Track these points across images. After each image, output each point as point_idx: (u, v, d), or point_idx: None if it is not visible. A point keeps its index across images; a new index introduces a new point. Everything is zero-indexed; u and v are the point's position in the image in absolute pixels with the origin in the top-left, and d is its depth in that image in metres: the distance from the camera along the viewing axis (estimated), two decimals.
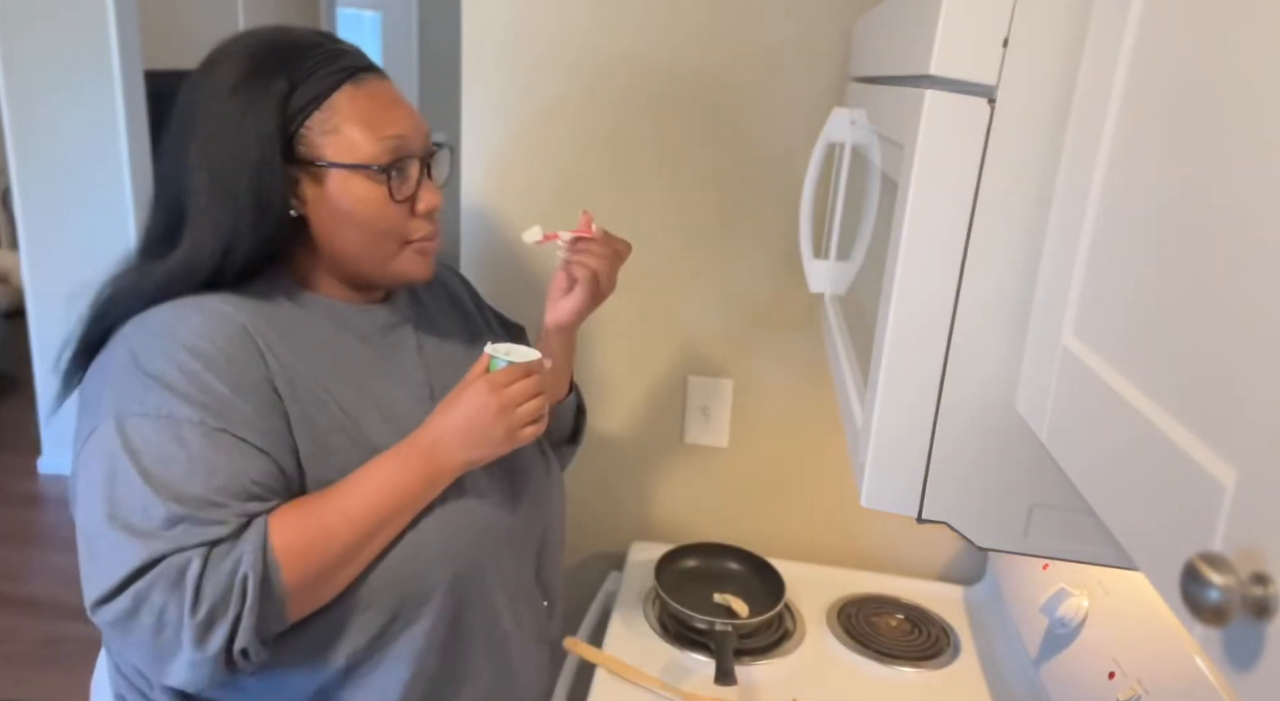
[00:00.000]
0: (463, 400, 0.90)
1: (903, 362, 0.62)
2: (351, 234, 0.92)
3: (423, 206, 0.94)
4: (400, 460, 0.88)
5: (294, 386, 0.88)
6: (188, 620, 0.77)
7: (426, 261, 0.97)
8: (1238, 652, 0.30)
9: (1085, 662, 1.03)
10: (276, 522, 0.82)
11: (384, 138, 0.89)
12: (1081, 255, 0.50)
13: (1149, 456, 0.38)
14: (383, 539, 0.88)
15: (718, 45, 1.32)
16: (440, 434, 0.89)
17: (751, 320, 1.43)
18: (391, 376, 0.98)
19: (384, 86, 0.93)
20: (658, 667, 1.22)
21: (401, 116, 0.92)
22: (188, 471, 0.80)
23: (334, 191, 0.89)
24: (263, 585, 0.79)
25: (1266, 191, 0.32)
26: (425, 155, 0.94)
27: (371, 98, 0.90)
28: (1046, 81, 0.55)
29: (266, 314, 0.90)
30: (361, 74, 0.91)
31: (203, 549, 0.78)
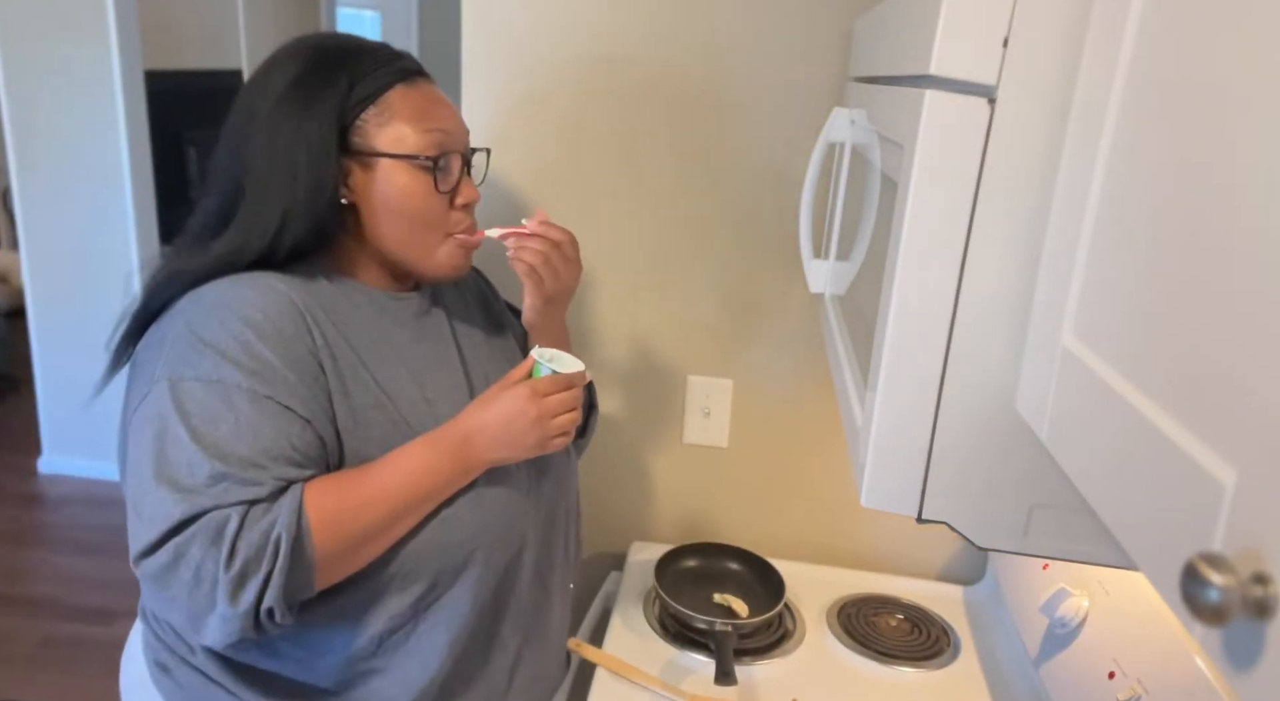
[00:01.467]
0: (503, 400, 0.93)
1: (903, 363, 0.62)
2: (396, 222, 0.97)
3: (461, 199, 0.99)
4: (436, 447, 0.92)
5: (336, 361, 0.92)
6: (222, 575, 0.80)
7: (466, 255, 1.02)
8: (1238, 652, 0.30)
9: (1085, 662, 1.03)
10: (313, 491, 0.86)
11: (430, 131, 0.95)
12: (1081, 255, 0.50)
13: (1149, 456, 0.38)
14: (411, 520, 0.91)
15: (718, 45, 1.32)
16: (476, 428, 0.93)
17: (751, 320, 1.43)
18: (428, 360, 1.02)
19: (432, 88, 1.00)
20: (658, 667, 1.22)
21: (447, 114, 0.98)
22: (234, 433, 0.84)
23: (382, 180, 0.95)
24: (294, 548, 0.83)
25: (1266, 191, 0.32)
26: (467, 153, 1.00)
27: (422, 96, 0.97)
28: (1046, 81, 0.55)
29: (313, 292, 0.95)
30: (414, 76, 0.98)
31: (242, 507, 0.82)
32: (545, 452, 0.96)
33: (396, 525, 0.90)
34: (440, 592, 0.96)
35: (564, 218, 1.41)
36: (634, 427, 1.50)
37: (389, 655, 0.95)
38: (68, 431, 3.32)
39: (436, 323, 1.07)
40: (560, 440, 0.96)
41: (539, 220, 1.04)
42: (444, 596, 0.96)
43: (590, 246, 1.42)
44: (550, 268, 1.05)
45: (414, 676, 0.96)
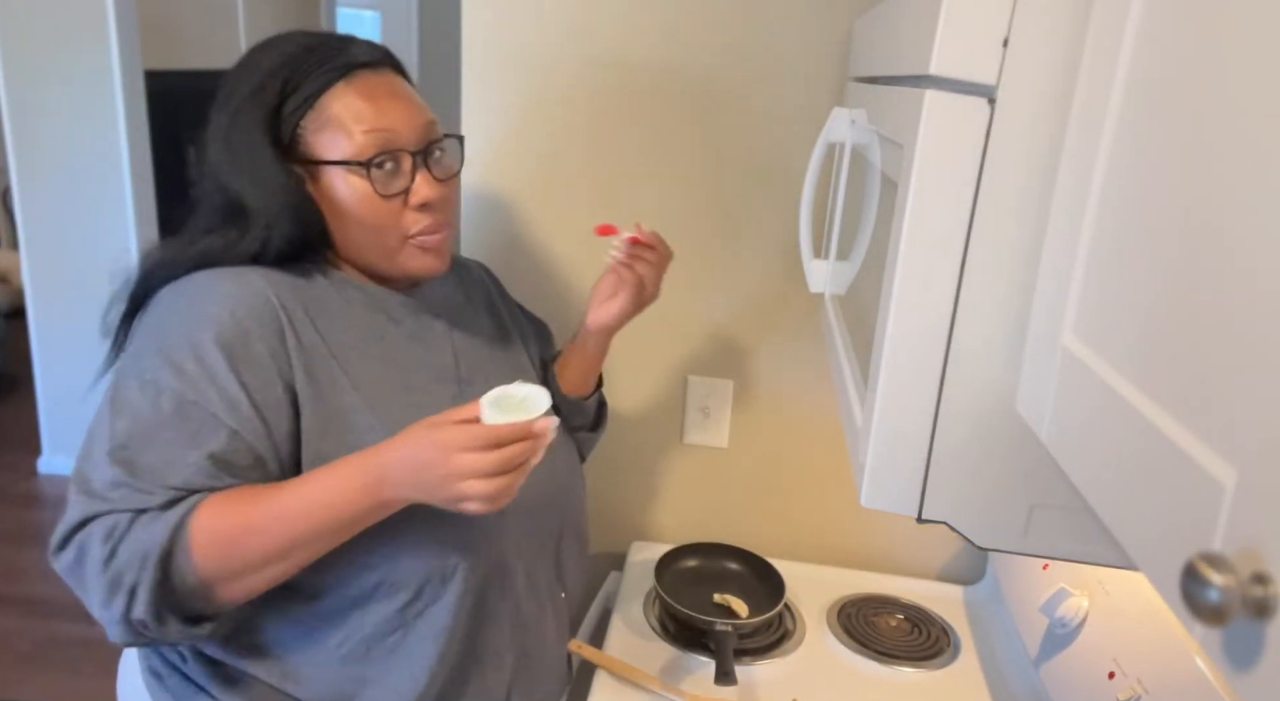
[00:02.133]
0: (419, 442, 0.81)
1: (903, 362, 0.62)
2: (350, 229, 0.94)
3: (415, 200, 0.94)
4: (344, 479, 0.84)
5: (309, 363, 0.90)
6: (99, 579, 0.80)
7: (432, 256, 0.97)
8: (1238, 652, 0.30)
9: (1085, 662, 1.03)
10: (208, 507, 0.82)
11: (369, 132, 0.90)
12: (1081, 255, 0.50)
13: (1149, 456, 0.38)
14: (318, 546, 0.85)
15: (718, 45, 1.32)
16: (390, 464, 0.83)
17: (751, 320, 1.43)
18: (420, 359, 1.00)
19: (381, 80, 0.94)
20: (658, 667, 1.22)
21: (391, 109, 0.92)
22: (147, 437, 0.83)
23: (327, 188, 0.92)
24: (164, 563, 0.80)
25: (1266, 190, 0.32)
26: (422, 147, 0.94)
27: (362, 93, 0.91)
28: (1046, 81, 0.55)
29: (300, 290, 0.93)
30: (357, 70, 0.92)
31: (132, 513, 0.81)
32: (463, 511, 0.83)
33: (298, 552, 0.84)
34: (426, 603, 0.93)
35: (563, 217, 1.41)
36: (634, 427, 1.50)
37: (377, 665, 0.93)
38: (68, 431, 3.32)
39: (433, 321, 1.05)
40: (474, 505, 0.81)
41: (649, 233, 1.03)
42: (431, 607, 0.93)
43: (590, 245, 1.42)
44: (658, 282, 1.06)
45: (404, 688, 0.94)
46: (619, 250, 1.03)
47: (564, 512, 1.10)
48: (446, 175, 0.97)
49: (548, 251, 1.44)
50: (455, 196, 1.01)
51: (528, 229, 1.43)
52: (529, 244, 1.44)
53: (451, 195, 0.98)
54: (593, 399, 1.21)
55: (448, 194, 0.97)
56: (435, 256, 0.98)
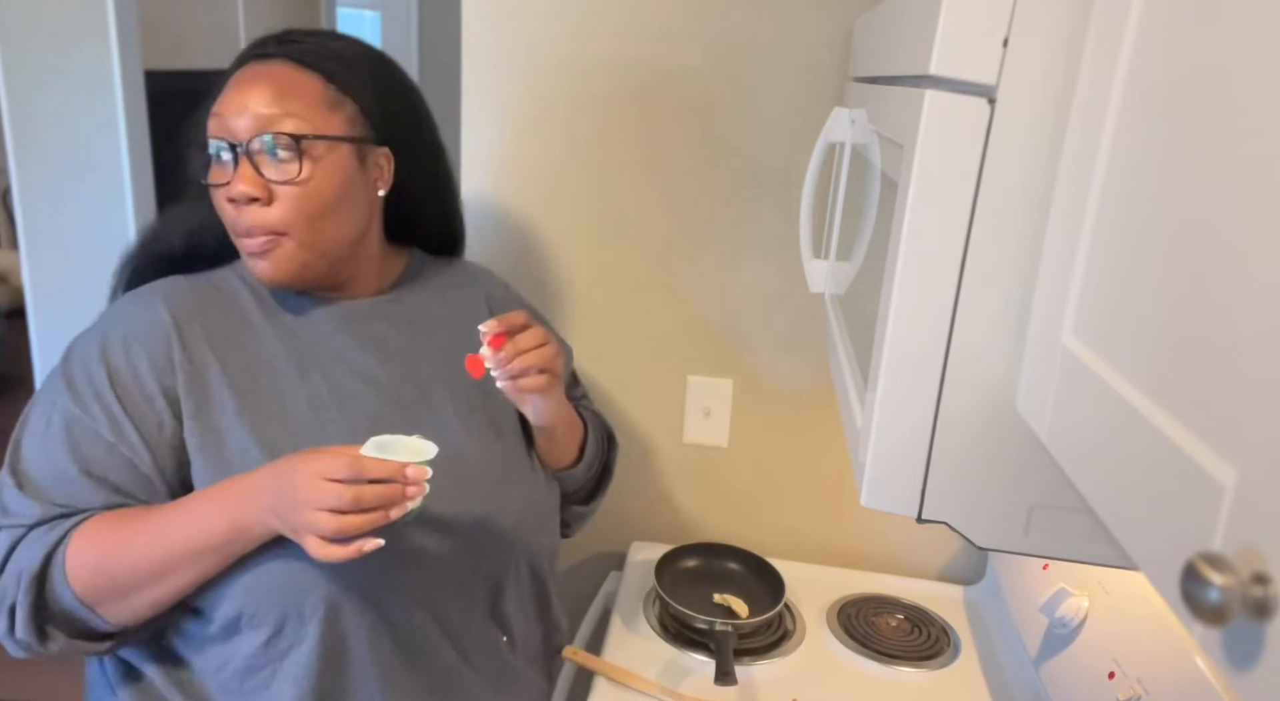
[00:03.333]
0: (288, 465, 0.79)
1: (903, 363, 0.62)
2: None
3: (226, 194, 0.88)
4: (208, 502, 0.83)
5: (195, 380, 0.89)
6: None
7: (256, 261, 0.91)
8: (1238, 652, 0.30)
9: (1085, 662, 1.03)
10: (86, 528, 0.82)
11: (212, 116, 0.89)
12: (1081, 255, 0.49)
13: (1149, 456, 0.38)
14: (191, 572, 0.83)
15: (718, 46, 1.32)
16: (255, 489, 0.81)
17: (751, 320, 1.43)
18: (342, 378, 0.95)
19: (255, 69, 0.90)
20: (658, 668, 1.22)
21: (234, 96, 0.88)
22: (38, 454, 0.85)
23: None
24: (39, 583, 0.81)
25: (1267, 190, 0.32)
26: (246, 140, 0.87)
27: (230, 82, 0.90)
28: (1046, 81, 0.55)
29: (209, 305, 0.94)
30: (251, 61, 0.92)
31: (19, 530, 0.82)
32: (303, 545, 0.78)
33: (172, 576, 0.82)
34: (290, 642, 0.87)
35: (563, 217, 1.42)
36: (634, 427, 1.50)
37: (254, 696, 0.89)
38: None
39: (388, 330, 1.00)
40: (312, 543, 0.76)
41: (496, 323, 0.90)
42: (295, 648, 0.87)
43: (590, 246, 1.42)
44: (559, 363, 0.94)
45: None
46: (497, 373, 0.91)
47: (502, 557, 0.99)
48: (277, 177, 0.88)
49: (548, 252, 1.44)
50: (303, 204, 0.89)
51: (528, 229, 1.43)
52: (529, 244, 1.43)
53: (286, 201, 0.88)
54: (575, 471, 1.11)
55: (281, 200, 0.88)
56: (259, 261, 0.91)
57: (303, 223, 0.90)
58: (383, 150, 0.96)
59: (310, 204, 0.90)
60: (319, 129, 0.89)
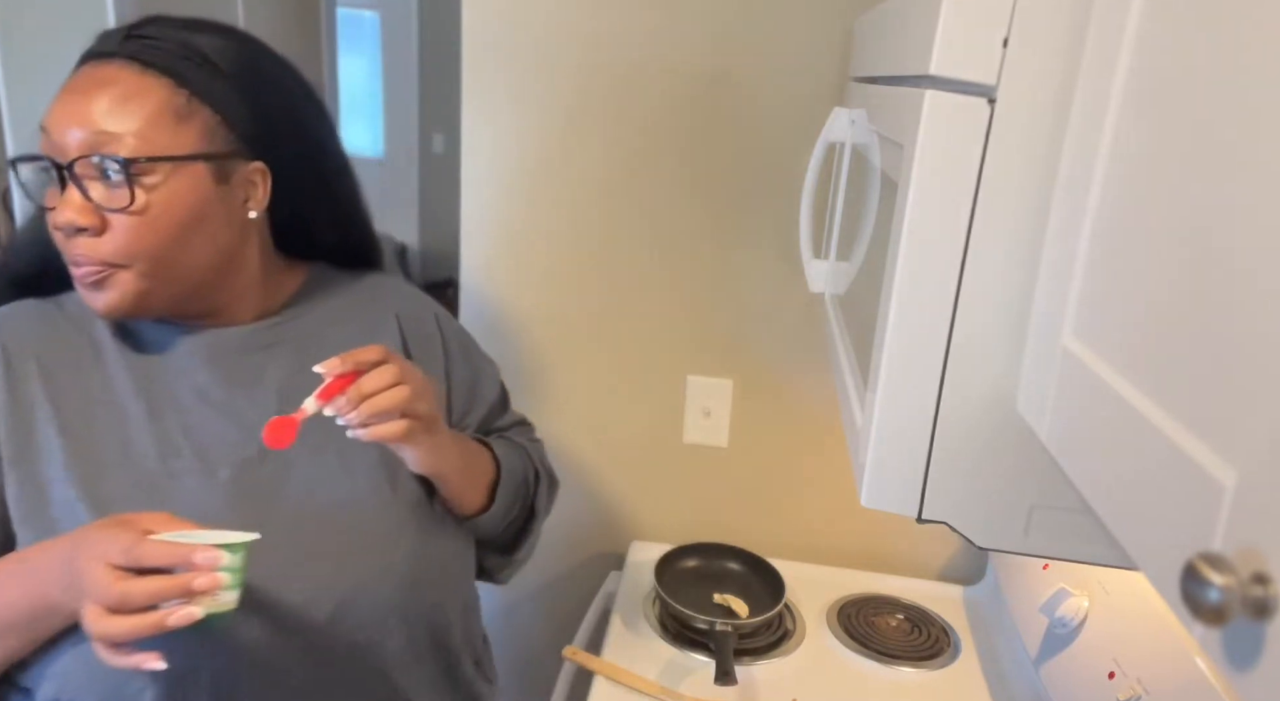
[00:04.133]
0: (82, 537, 0.68)
1: (903, 363, 0.62)
2: None
3: (51, 220, 0.77)
4: (14, 570, 0.72)
5: (20, 420, 0.79)
6: None
7: (88, 295, 0.78)
8: (1238, 652, 0.30)
9: (1085, 662, 1.03)
10: None
11: (40, 130, 0.77)
12: (1082, 255, 0.50)
13: (1149, 457, 0.38)
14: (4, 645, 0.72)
15: (718, 45, 1.32)
16: (56, 558, 0.69)
17: (751, 320, 1.43)
18: (200, 419, 0.83)
19: (88, 73, 0.78)
20: (658, 668, 1.22)
21: (61, 106, 0.76)
22: None
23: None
24: None
25: (1267, 190, 0.32)
26: (71, 160, 0.76)
27: (67, 85, 0.78)
28: (1046, 81, 0.55)
29: (59, 332, 0.84)
30: (89, 61, 0.79)
31: None
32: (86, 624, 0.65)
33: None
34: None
35: (563, 217, 1.42)
36: (634, 427, 1.50)
37: None
38: None
39: (267, 361, 0.86)
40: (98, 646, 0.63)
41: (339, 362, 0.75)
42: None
43: (589, 246, 1.42)
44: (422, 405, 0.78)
45: None
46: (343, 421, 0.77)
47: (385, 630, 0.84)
48: (108, 204, 0.76)
49: (548, 251, 1.44)
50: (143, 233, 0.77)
51: (527, 228, 1.43)
52: (529, 244, 1.43)
53: (121, 231, 0.76)
54: (484, 519, 0.94)
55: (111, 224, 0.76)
56: (92, 293, 0.78)
57: (142, 255, 0.77)
58: (255, 165, 0.83)
59: (151, 235, 0.77)
60: (160, 148, 0.76)
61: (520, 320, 1.46)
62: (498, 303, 1.46)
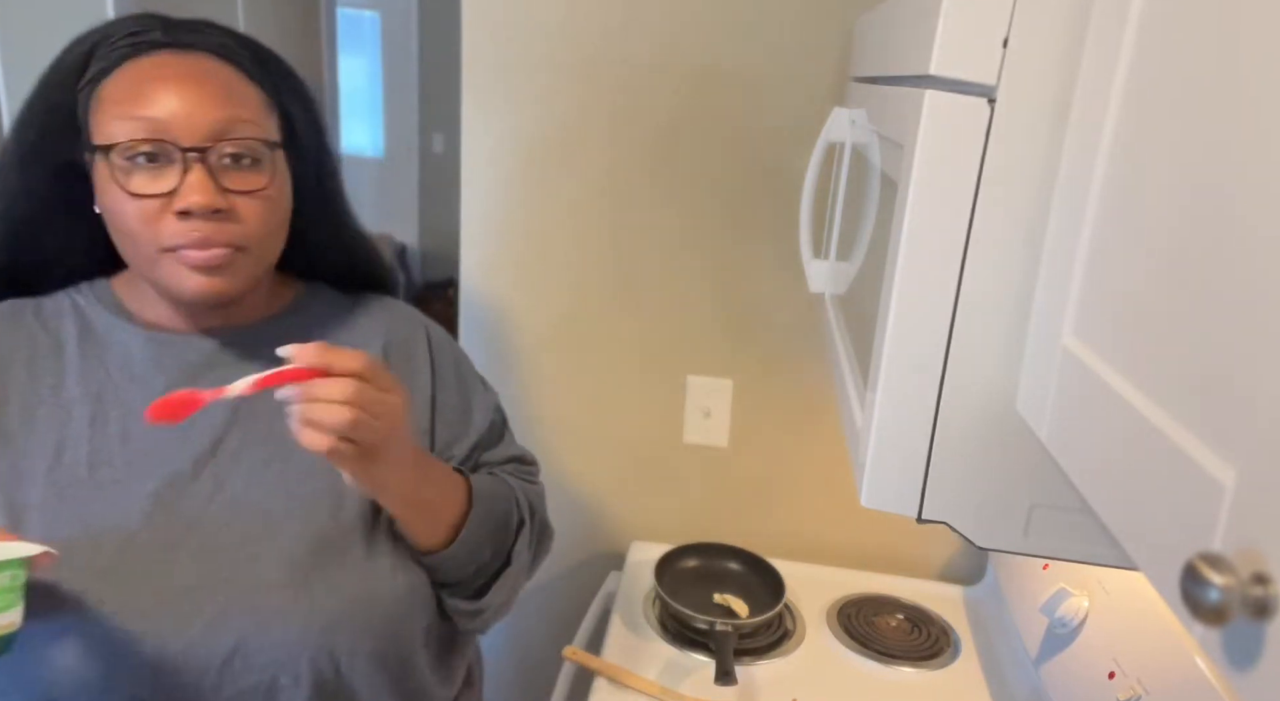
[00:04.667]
0: None
1: (903, 363, 0.62)
2: (113, 234, 0.81)
3: (178, 203, 0.76)
4: None
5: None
6: None
7: (202, 275, 0.79)
8: (1238, 652, 0.30)
9: (1085, 662, 1.03)
10: None
11: (124, 118, 0.76)
12: (1081, 255, 0.50)
13: (1149, 456, 0.38)
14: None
15: (718, 45, 1.32)
16: None
17: (751, 320, 1.43)
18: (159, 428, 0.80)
19: (177, 62, 0.78)
20: (658, 668, 1.22)
21: (165, 95, 0.76)
22: None
23: (96, 181, 0.80)
24: None
25: (1267, 190, 0.32)
26: (201, 145, 0.77)
27: (145, 73, 0.77)
28: (1046, 81, 0.55)
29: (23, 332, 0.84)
30: (153, 50, 0.78)
31: None
32: None
33: None
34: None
35: (563, 217, 1.42)
36: (634, 427, 1.50)
37: None
38: None
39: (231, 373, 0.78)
40: None
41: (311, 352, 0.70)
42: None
43: (591, 246, 1.42)
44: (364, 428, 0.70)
45: None
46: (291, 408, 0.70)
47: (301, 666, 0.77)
48: (241, 187, 0.79)
49: (548, 251, 1.44)
50: (268, 217, 0.81)
51: (527, 228, 1.43)
52: (528, 244, 1.43)
53: (249, 217, 0.79)
54: (446, 554, 0.86)
55: (239, 213, 0.79)
56: (206, 275, 0.79)
57: (264, 237, 0.81)
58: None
59: (272, 217, 0.82)
60: (270, 135, 0.81)
61: (520, 320, 1.46)
62: (497, 303, 1.46)
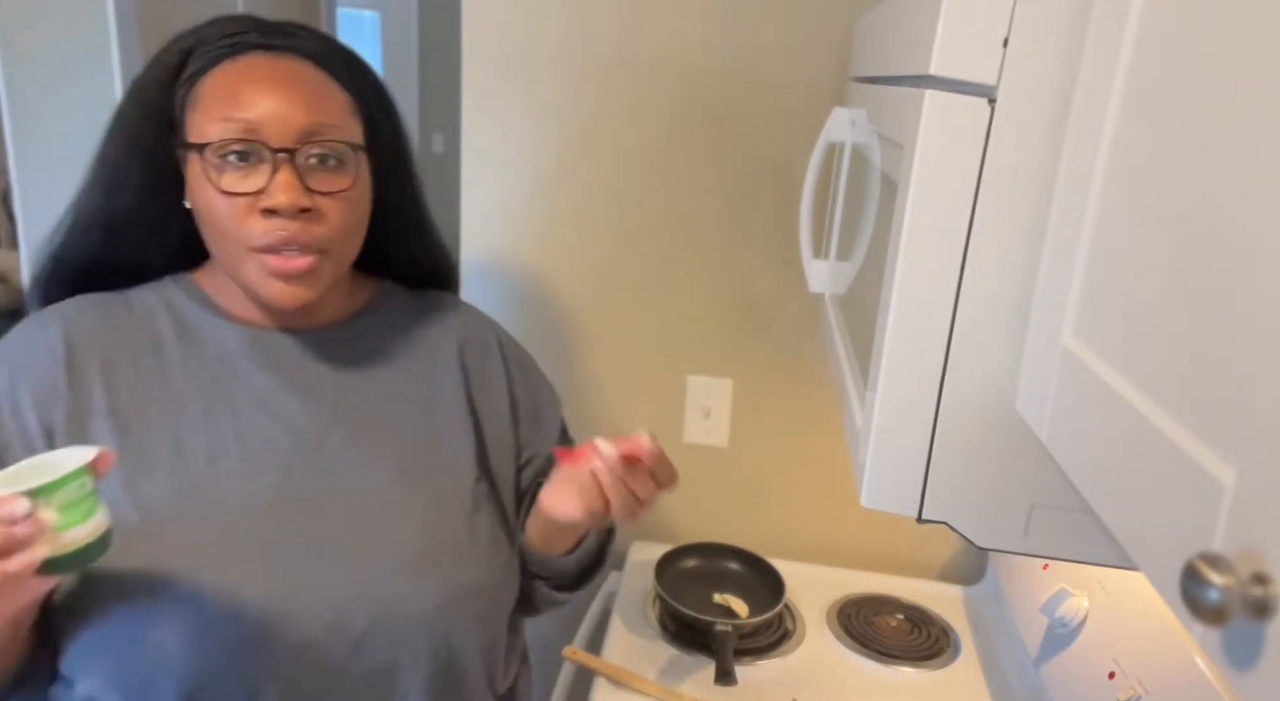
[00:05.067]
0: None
1: (903, 363, 0.62)
2: (203, 230, 0.82)
3: (265, 202, 0.78)
4: None
5: (81, 421, 0.80)
6: None
7: (282, 283, 0.81)
8: (1238, 652, 0.30)
9: (1085, 662, 1.03)
10: None
11: (223, 119, 0.77)
12: (1081, 255, 0.50)
13: (1149, 456, 0.38)
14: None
15: (718, 45, 1.32)
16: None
17: (751, 320, 1.43)
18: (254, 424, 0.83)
19: (270, 65, 0.80)
20: (658, 668, 1.22)
21: (261, 96, 0.78)
22: None
23: (190, 178, 0.81)
24: None
25: (1266, 190, 0.32)
26: (291, 146, 0.78)
27: (240, 74, 0.79)
28: (1046, 81, 0.55)
29: (112, 329, 0.84)
30: (250, 51, 0.80)
31: None
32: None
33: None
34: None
35: (562, 217, 1.42)
36: (634, 427, 1.50)
37: None
38: None
39: (327, 371, 0.88)
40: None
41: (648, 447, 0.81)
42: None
43: (590, 246, 1.42)
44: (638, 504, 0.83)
45: None
46: (602, 460, 0.81)
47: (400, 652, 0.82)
48: (327, 188, 0.80)
49: (547, 252, 1.44)
50: (349, 217, 0.83)
51: (527, 229, 1.43)
52: (528, 245, 1.43)
53: (333, 217, 0.81)
54: (567, 558, 0.95)
55: (324, 213, 0.80)
56: (287, 284, 0.81)
57: (345, 239, 0.83)
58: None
59: (353, 218, 0.83)
60: (355, 138, 0.83)
61: (520, 320, 1.46)
62: (497, 303, 1.46)
